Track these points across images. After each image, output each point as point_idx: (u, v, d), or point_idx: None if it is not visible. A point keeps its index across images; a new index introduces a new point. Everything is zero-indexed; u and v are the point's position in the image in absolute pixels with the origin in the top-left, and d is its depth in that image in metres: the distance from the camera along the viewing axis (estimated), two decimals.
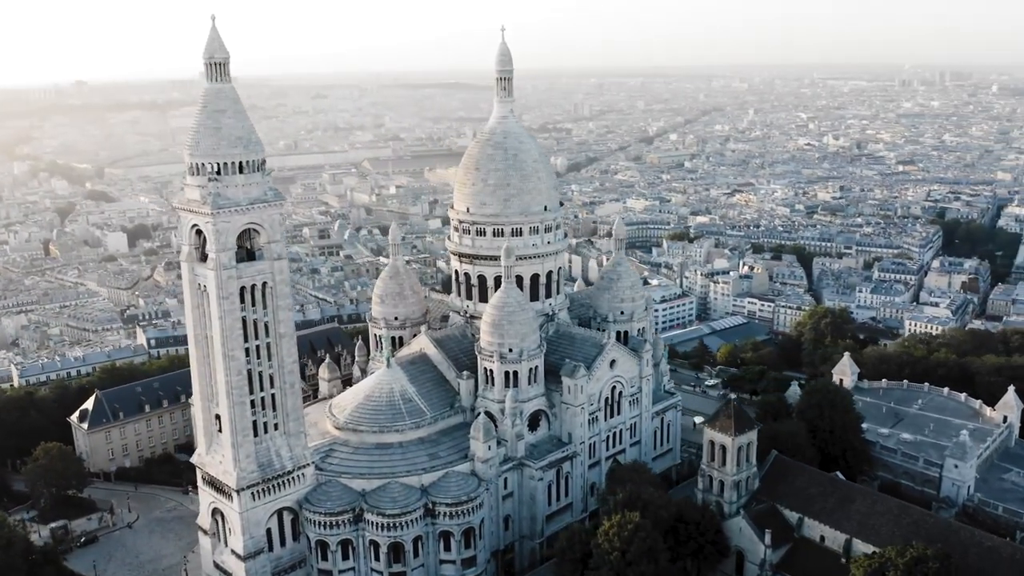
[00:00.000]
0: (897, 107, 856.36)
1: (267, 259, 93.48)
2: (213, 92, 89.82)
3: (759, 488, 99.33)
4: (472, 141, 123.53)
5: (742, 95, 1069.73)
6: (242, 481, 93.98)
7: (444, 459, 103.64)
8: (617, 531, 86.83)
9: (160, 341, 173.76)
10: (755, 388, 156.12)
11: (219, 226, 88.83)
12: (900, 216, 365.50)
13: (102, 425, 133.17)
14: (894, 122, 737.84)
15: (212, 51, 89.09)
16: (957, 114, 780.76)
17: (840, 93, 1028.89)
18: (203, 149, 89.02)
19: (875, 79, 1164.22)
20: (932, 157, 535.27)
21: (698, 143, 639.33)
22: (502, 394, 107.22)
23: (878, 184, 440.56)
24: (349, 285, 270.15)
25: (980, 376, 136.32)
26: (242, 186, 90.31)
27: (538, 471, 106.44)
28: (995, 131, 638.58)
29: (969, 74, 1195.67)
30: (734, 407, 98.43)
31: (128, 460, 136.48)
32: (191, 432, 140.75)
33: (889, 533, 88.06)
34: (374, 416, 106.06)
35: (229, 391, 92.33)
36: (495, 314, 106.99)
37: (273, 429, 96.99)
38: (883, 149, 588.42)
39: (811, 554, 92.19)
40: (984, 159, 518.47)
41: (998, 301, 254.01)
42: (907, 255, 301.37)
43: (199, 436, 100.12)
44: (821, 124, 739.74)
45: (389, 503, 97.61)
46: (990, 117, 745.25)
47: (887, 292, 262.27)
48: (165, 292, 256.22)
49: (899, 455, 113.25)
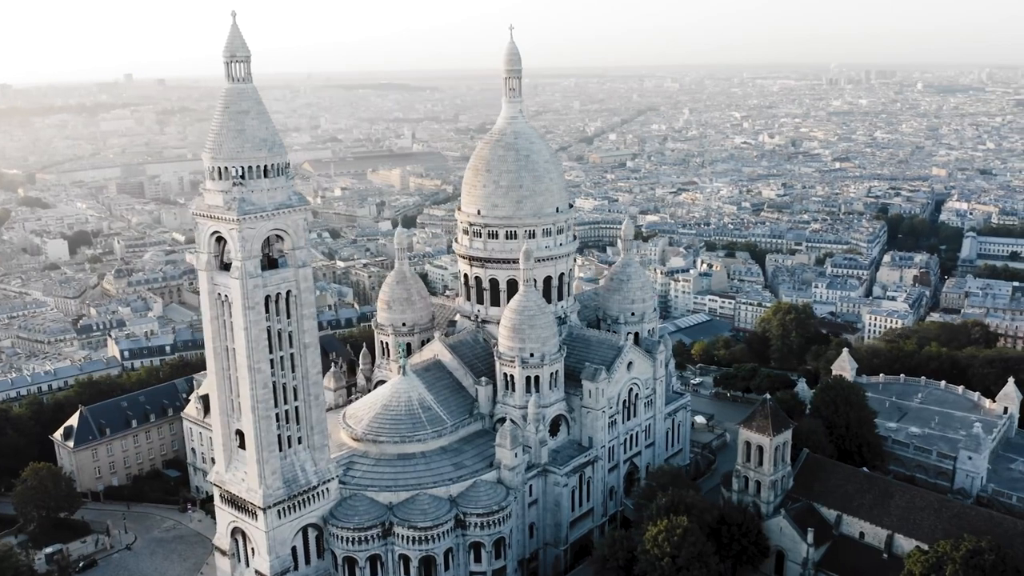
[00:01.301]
0: (827, 105, 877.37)
1: (291, 266, 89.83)
2: (235, 92, 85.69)
3: (792, 487, 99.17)
4: (480, 142, 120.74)
5: (675, 95, 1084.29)
6: (268, 499, 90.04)
7: (470, 468, 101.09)
8: (667, 536, 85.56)
9: (134, 353, 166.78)
10: (748, 386, 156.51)
11: (245, 233, 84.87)
12: (845, 212, 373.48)
13: (88, 443, 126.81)
14: (826, 120, 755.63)
15: (234, 49, 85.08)
16: (886, 111, 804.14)
17: (770, 92, 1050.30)
18: (226, 152, 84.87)
19: (803, 78, 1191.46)
20: (866, 154, 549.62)
21: (638, 143, 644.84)
22: (523, 400, 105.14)
23: (818, 181, 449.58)
24: None
25: (973, 369, 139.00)
26: (267, 190, 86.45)
27: (563, 477, 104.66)
28: (924, 128, 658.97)
29: (893, 72, 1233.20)
30: (770, 407, 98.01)
31: (116, 478, 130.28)
32: (179, 447, 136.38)
33: (931, 527, 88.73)
34: (394, 426, 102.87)
35: (254, 405, 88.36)
36: (515, 319, 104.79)
37: (297, 443, 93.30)
38: (818, 147, 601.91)
39: (852, 551, 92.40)
40: (916, 155, 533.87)
41: (951, 294, 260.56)
42: (856, 250, 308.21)
43: (217, 453, 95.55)
44: (755, 123, 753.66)
45: (420, 515, 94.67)
46: (918, 114, 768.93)
47: (841, 287, 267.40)
48: (117, 301, 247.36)
49: (911, 449, 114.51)
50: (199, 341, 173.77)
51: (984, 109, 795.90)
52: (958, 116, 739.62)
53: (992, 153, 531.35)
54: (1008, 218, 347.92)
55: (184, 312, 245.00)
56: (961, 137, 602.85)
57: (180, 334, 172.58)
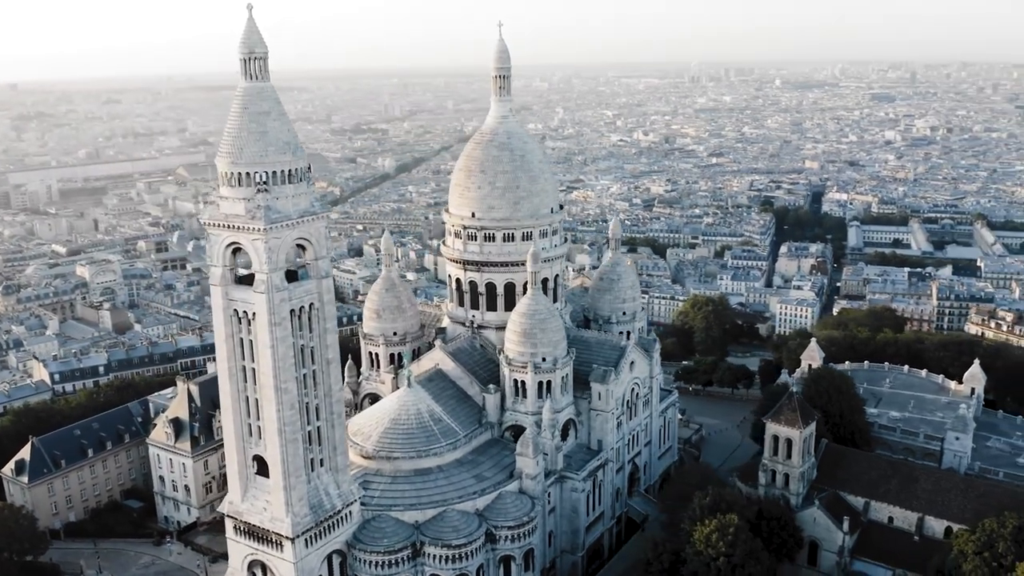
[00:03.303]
0: (693, 103, 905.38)
1: (314, 278, 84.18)
2: (254, 92, 79.31)
3: (816, 477, 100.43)
4: (470, 142, 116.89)
5: (545, 94, 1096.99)
6: (297, 527, 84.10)
7: (492, 480, 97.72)
8: (720, 535, 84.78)
9: (65, 376, 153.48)
10: (710, 379, 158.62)
11: (271, 243, 78.79)
12: (733, 206, 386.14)
13: (44, 476, 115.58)
14: (694, 117, 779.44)
15: (252, 45, 78.73)
16: (750, 108, 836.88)
17: (636, 90, 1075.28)
18: (248, 156, 78.50)
19: (666, 76, 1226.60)
20: (738, 149, 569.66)
21: None
22: (535, 406, 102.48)
23: (699, 176, 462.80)
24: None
25: (928, 352, 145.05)
26: (291, 197, 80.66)
27: (581, 483, 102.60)
28: (789, 123, 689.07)
29: (752, 69, 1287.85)
30: (797, 400, 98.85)
31: (73, 513, 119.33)
32: (137, 476, 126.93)
33: (959, 507, 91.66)
34: (408, 441, 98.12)
35: (281, 428, 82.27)
36: (525, 323, 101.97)
37: (319, 465, 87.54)
38: (691, 143, 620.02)
39: (883, 536, 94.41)
40: (785, 149, 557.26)
41: (851, 281, 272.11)
42: (752, 242, 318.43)
43: (231, 482, 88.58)
44: (628, 121, 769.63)
45: (451, 533, 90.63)
46: (780, 110, 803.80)
47: (744, 278, 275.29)
48: (8, 319, 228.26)
49: (898, 432, 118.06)
50: (135, 360, 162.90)
51: (842, 104, 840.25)
52: (818, 111, 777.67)
53: (856, 145, 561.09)
54: (887, 207, 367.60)
55: (83, 328, 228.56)
56: (825, 131, 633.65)
57: (114, 354, 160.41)
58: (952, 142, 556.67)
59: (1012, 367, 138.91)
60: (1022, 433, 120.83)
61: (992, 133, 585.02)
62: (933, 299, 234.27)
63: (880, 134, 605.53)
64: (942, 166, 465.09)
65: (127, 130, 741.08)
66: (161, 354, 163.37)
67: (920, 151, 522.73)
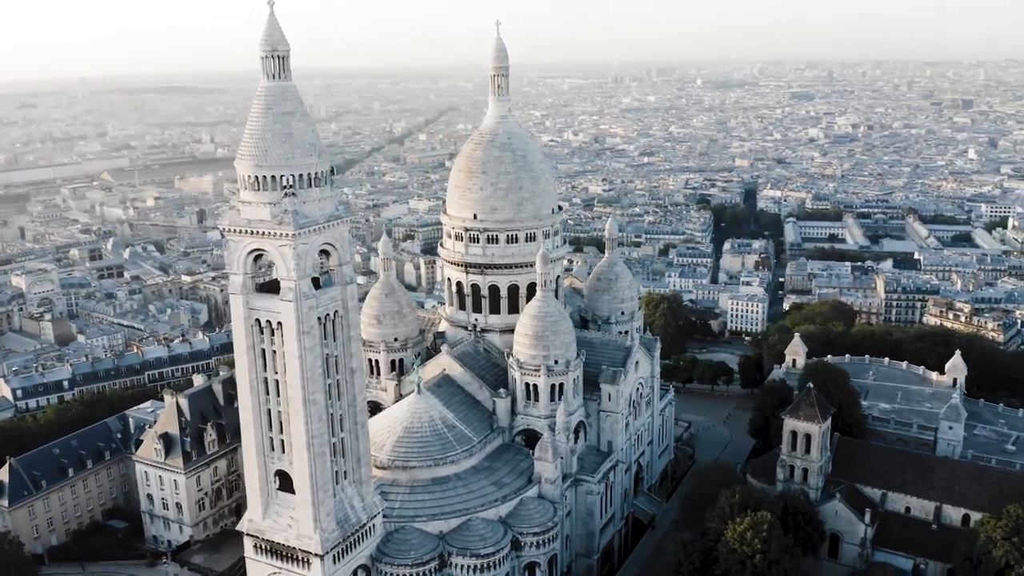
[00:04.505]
0: (618, 103, 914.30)
1: (338, 284, 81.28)
2: (277, 91, 76.09)
3: (830, 471, 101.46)
4: (468, 142, 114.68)
5: (471, 94, 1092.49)
6: (327, 544, 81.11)
7: (511, 486, 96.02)
8: (755, 532, 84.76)
9: (28, 392, 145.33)
10: (690, 376, 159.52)
11: (299, 249, 75.70)
12: (672, 204, 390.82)
13: (24, 499, 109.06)
14: (621, 117, 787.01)
15: (275, 43, 75.62)
16: (674, 107, 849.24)
17: (562, 91, 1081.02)
18: (273, 159, 75.23)
19: (589, 77, 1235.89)
20: (667, 148, 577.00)
21: (451, 142, 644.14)
22: (548, 409, 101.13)
23: (633, 175, 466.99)
24: (156, 308, 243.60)
25: (905, 344, 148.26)
26: (317, 200, 77.70)
27: (596, 485, 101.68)
28: (714, 122, 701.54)
29: (673, 69, 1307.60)
30: (815, 395, 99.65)
31: (55, 536, 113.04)
32: (118, 495, 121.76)
33: (976, 494, 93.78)
34: (424, 449, 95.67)
35: (309, 441, 79.18)
36: (537, 325, 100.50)
37: (343, 478, 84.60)
38: (621, 142, 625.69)
39: (901, 526, 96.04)
40: (713, 148, 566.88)
41: (796, 276, 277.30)
42: (693, 240, 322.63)
43: (251, 499, 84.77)
44: (556, 121, 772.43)
45: (478, 542, 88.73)
46: (704, 109, 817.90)
47: (692, 275, 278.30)
48: None
49: (892, 424, 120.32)
50: (100, 373, 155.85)
51: (763, 103, 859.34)
52: (741, 110, 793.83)
53: (782, 143, 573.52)
54: (821, 203, 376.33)
55: (24, 341, 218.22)
56: (750, 129, 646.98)
57: (79, 367, 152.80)
58: (873, 139, 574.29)
59: (983, 356, 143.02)
60: (1005, 420, 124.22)
61: (911, 130, 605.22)
62: (881, 292, 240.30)
63: (803, 132, 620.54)
64: (867, 162, 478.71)
65: (45, 135, 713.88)
66: (128, 366, 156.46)
67: (843, 148, 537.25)
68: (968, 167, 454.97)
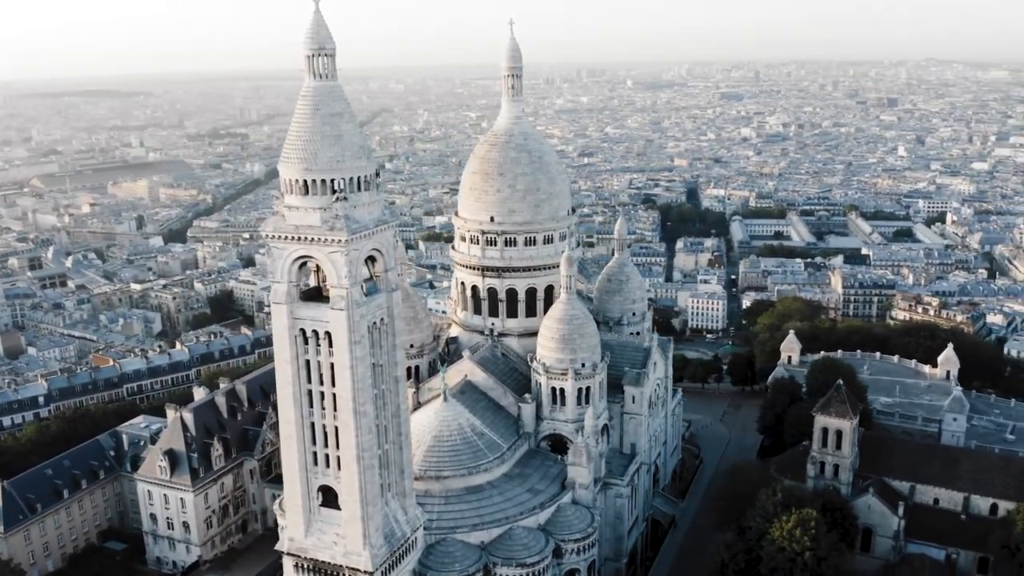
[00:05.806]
0: (552, 104, 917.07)
1: (383, 291, 78.42)
2: (325, 91, 73.04)
3: (858, 466, 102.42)
4: (482, 144, 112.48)
5: (403, 96, 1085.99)
6: (376, 560, 78.20)
7: (546, 493, 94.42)
8: (803, 530, 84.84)
9: (2, 408, 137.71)
10: (681, 375, 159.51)
11: (351, 255, 72.86)
12: (618, 204, 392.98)
13: (20, 523, 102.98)
14: (555, 118, 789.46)
15: (321, 41, 72.52)
16: (608, 108, 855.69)
17: (494, 92, 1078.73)
18: (323, 162, 72.14)
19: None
20: (605, 149, 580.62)
21: (387, 144, 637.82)
22: (575, 413, 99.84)
23: (576, 176, 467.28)
24: (107, 318, 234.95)
25: (893, 339, 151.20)
26: (367, 205, 74.85)
27: (625, 488, 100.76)
28: (648, 122, 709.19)
29: (603, 71, 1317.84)
30: (844, 392, 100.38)
31: (51, 561, 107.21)
32: (112, 515, 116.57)
33: (1003, 484, 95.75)
34: (455, 458, 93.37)
35: (359, 454, 76.21)
36: (563, 329, 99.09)
37: (387, 491, 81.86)
38: (559, 143, 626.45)
39: (931, 517, 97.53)
40: (650, 148, 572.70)
41: (750, 274, 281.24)
42: (644, 239, 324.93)
43: (292, 516, 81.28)
44: (491, 122, 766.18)
45: (523, 551, 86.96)
46: (637, 110, 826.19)
47: (647, 274, 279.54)
48: None
49: (896, 417, 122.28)
50: (77, 388, 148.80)
51: (694, 103, 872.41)
52: (673, 110, 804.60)
53: (716, 143, 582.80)
54: (764, 201, 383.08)
55: None
56: (683, 129, 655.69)
57: (53, 382, 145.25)
58: (805, 137, 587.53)
59: (967, 349, 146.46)
60: (999, 411, 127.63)
61: (840, 128, 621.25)
62: (838, 288, 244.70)
63: (736, 131, 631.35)
64: (801, 161, 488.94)
65: None
66: (105, 380, 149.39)
67: (776, 147, 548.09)
68: (899, 164, 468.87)
